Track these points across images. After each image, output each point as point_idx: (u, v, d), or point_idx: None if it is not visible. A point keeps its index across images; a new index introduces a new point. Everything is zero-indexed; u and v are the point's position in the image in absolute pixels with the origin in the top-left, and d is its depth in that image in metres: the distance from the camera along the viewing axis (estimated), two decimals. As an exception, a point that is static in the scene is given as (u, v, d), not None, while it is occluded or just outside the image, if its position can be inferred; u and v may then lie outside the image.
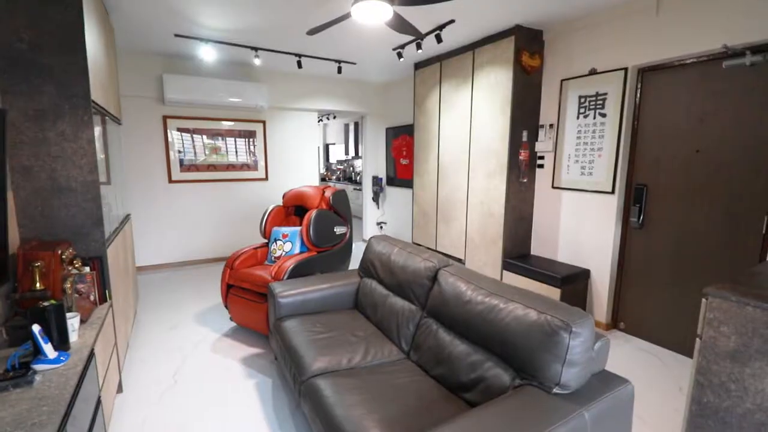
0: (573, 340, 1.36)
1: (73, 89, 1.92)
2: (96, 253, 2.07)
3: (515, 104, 3.32)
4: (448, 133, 4.09)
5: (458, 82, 3.88)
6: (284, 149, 5.17)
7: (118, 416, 2.06)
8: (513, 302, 1.59)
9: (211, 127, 4.64)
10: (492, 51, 3.45)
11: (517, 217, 3.54)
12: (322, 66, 4.57)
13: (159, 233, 4.54)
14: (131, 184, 4.27)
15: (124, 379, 2.40)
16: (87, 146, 1.98)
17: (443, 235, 4.30)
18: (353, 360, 1.94)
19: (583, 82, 3.10)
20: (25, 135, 1.85)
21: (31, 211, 1.92)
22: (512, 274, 3.45)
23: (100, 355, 1.79)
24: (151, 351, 2.73)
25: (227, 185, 4.84)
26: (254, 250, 3.12)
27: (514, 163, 3.41)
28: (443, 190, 4.24)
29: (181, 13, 3.06)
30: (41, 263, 1.71)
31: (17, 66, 1.80)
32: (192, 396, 2.23)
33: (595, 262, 3.15)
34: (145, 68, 4.14)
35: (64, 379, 1.40)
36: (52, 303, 1.56)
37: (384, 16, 2.20)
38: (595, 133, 3.05)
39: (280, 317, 2.38)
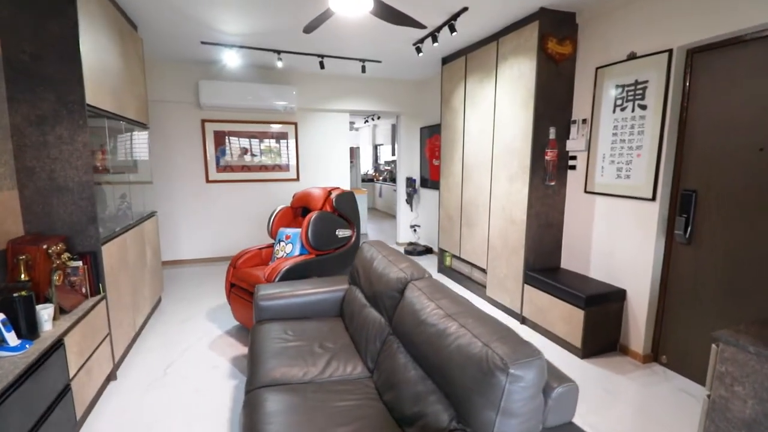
0: (511, 385, 1.10)
1: (70, 96, 2.07)
2: (91, 249, 2.22)
3: (540, 98, 2.94)
4: (472, 132, 3.79)
5: (482, 76, 3.57)
6: (315, 150, 5.23)
7: (105, 403, 2.18)
8: (463, 327, 1.36)
9: (245, 129, 4.84)
10: (515, 40, 3.11)
11: (542, 225, 3.15)
12: (350, 66, 4.52)
13: (195, 230, 4.85)
14: (171, 183, 4.63)
15: (125, 367, 2.55)
16: (82, 149, 2.13)
17: (466, 240, 4.00)
18: (309, 374, 1.83)
19: (620, 69, 2.64)
20: (28, 139, 2.04)
21: (34, 208, 2.11)
22: (533, 289, 3.07)
23: (76, 345, 1.90)
24: (158, 341, 2.89)
25: (260, 185, 5.02)
26: (258, 251, 3.16)
27: (538, 165, 3.03)
28: (467, 193, 3.94)
29: (204, 22, 3.20)
30: (27, 256, 1.86)
31: (21, 76, 1.99)
32: (171, 392, 2.29)
33: (632, 281, 2.67)
34: (183, 75, 4.45)
35: (13, 367, 1.48)
36: (21, 294, 1.68)
37: (365, 6, 2.06)
38: (634, 128, 2.58)
39: (259, 320, 2.35)
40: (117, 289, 2.49)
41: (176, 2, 2.83)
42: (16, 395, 1.44)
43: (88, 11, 2.19)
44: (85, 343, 1.99)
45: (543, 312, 2.99)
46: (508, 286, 3.37)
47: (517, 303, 3.28)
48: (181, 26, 3.29)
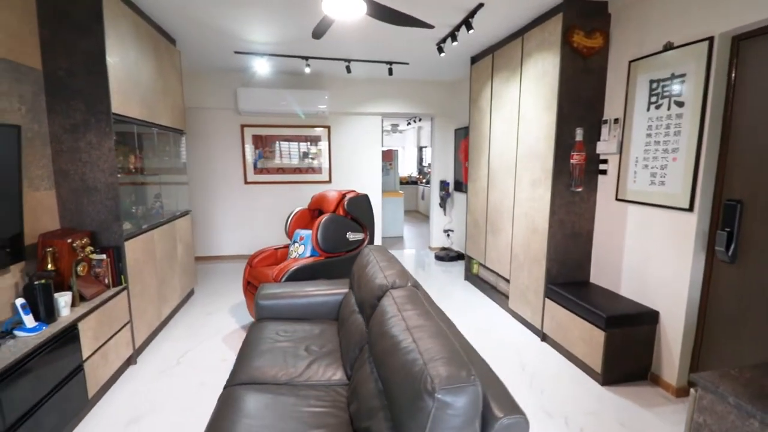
0: (438, 411, 1.02)
1: (98, 106, 2.31)
2: (114, 243, 2.45)
3: (564, 96, 2.70)
4: (497, 134, 3.60)
5: (508, 74, 3.37)
6: (347, 153, 5.31)
7: (122, 384, 2.40)
8: (414, 343, 1.28)
9: (280, 133, 5.06)
10: (539, 35, 2.89)
11: (567, 234, 2.89)
12: (380, 69, 4.52)
13: (233, 228, 5.16)
14: (212, 184, 4.97)
15: (147, 353, 2.78)
16: (108, 153, 2.36)
17: (491, 248, 3.80)
18: (287, 376, 1.85)
19: (655, 61, 2.34)
20: (63, 145, 2.31)
21: (69, 206, 2.38)
22: (554, 304, 2.83)
23: (91, 330, 2.11)
24: (181, 331, 3.12)
25: (294, 187, 5.21)
26: (275, 250, 3.27)
27: (562, 169, 2.79)
28: (492, 198, 3.74)
29: (234, 34, 3.40)
30: (53, 249, 2.11)
31: (58, 89, 2.25)
32: (178, 380, 2.45)
33: (666, 302, 2.35)
34: (223, 83, 4.76)
35: (24, 345, 1.68)
36: (41, 282, 1.90)
37: (358, 9, 2.04)
38: (669, 128, 2.27)
39: (258, 318, 2.43)
40: (141, 281, 2.72)
41: (208, 18, 3.03)
42: (26, 369, 1.63)
43: (118, 30, 2.43)
44: (101, 329, 2.20)
45: (563, 330, 2.74)
46: (530, 299, 3.14)
47: (537, 318, 3.04)
48: (215, 39, 3.52)
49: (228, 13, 2.94)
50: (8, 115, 1.96)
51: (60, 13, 2.19)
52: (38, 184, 2.20)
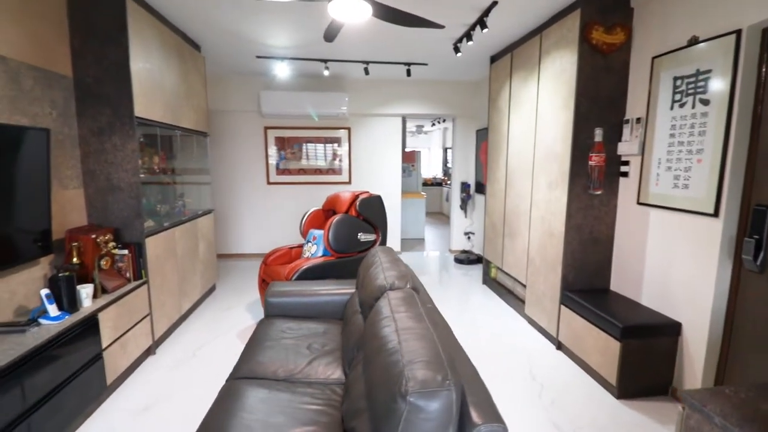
0: (410, 414, 1.01)
1: (122, 110, 2.45)
2: (136, 240, 2.59)
3: (582, 95, 2.60)
4: (516, 135, 3.51)
5: (526, 74, 3.27)
6: (367, 154, 5.34)
7: (140, 374, 2.53)
8: (399, 344, 1.28)
9: (302, 135, 5.17)
10: (557, 32, 2.79)
11: (585, 239, 2.77)
12: (399, 70, 4.53)
13: (256, 227, 5.32)
14: (236, 184, 5.15)
15: (166, 344, 2.92)
16: (131, 154, 2.51)
17: (509, 252, 3.70)
18: (286, 372, 1.89)
19: (679, 57, 2.20)
20: (91, 147, 2.47)
21: (95, 204, 2.54)
22: (569, 311, 2.72)
23: (110, 321, 2.24)
24: (200, 325, 3.25)
25: (314, 188, 5.31)
26: (289, 249, 3.35)
27: (579, 170, 2.68)
28: (510, 200, 3.65)
29: (255, 39, 3.52)
30: (79, 243, 2.26)
31: (86, 95, 2.42)
32: (192, 372, 2.55)
33: (690, 313, 2.20)
34: (246, 87, 4.93)
35: (46, 332, 1.82)
36: (65, 274, 2.04)
37: (363, 12, 2.06)
38: (694, 128, 2.13)
39: (267, 315, 2.49)
40: (162, 276, 2.86)
41: (230, 25, 3.15)
42: (47, 355, 1.76)
43: (142, 38, 2.57)
44: (120, 320, 2.34)
45: (578, 339, 2.63)
46: (546, 306, 3.04)
47: (553, 325, 2.93)
48: (237, 44, 3.65)
49: (249, 20, 3.05)
50: (40, 119, 2.12)
51: (89, 24, 2.35)
52: (67, 183, 2.36)
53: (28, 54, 2.02)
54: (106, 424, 2.04)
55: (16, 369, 1.59)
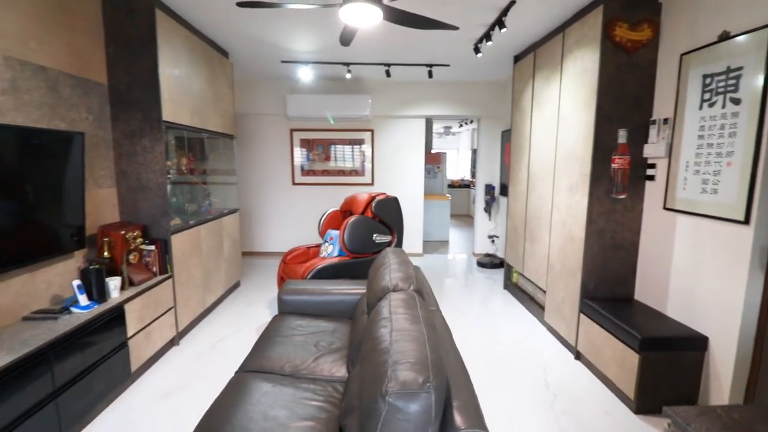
0: (388, 414, 1.02)
1: (151, 114, 2.62)
2: (162, 236, 2.75)
3: (604, 95, 2.50)
4: (538, 136, 3.41)
5: (548, 73, 3.18)
6: (390, 155, 5.37)
7: (163, 363, 2.68)
8: (390, 345, 1.29)
9: (326, 137, 5.27)
10: (579, 29, 2.70)
11: (607, 245, 2.65)
12: (421, 72, 4.52)
13: (281, 226, 5.48)
14: (262, 185, 5.34)
15: (190, 336, 3.08)
16: (159, 156, 2.67)
17: (529, 256, 3.61)
18: (292, 367, 1.94)
19: (709, 54, 2.07)
20: (123, 149, 2.66)
21: (126, 202, 2.73)
22: (588, 320, 2.62)
23: (136, 312, 2.39)
24: (222, 319, 3.40)
25: (338, 188, 5.39)
26: (307, 249, 3.43)
27: (601, 173, 2.58)
28: (531, 204, 3.55)
29: (280, 45, 3.64)
30: (109, 239, 2.43)
31: (120, 101, 2.60)
32: (210, 364, 2.68)
33: (717, 326, 2.06)
34: (273, 91, 5.09)
35: (76, 320, 1.97)
36: (95, 267, 2.21)
37: (374, 16, 2.09)
38: (724, 129, 1.99)
39: (281, 312, 2.57)
40: (187, 271, 3.02)
41: (256, 33, 3.29)
42: (76, 341, 1.91)
43: (171, 47, 2.73)
44: (145, 311, 2.49)
45: (597, 349, 2.52)
46: (565, 313, 2.94)
47: (572, 334, 2.83)
48: (262, 50, 3.79)
49: (272, 26, 3.15)
50: (77, 124, 2.31)
51: (122, 34, 2.52)
52: (102, 183, 2.55)
53: (66, 64, 2.20)
54: (129, 408, 2.19)
55: (47, 353, 1.74)
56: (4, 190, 1.84)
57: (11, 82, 1.85)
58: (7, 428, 1.55)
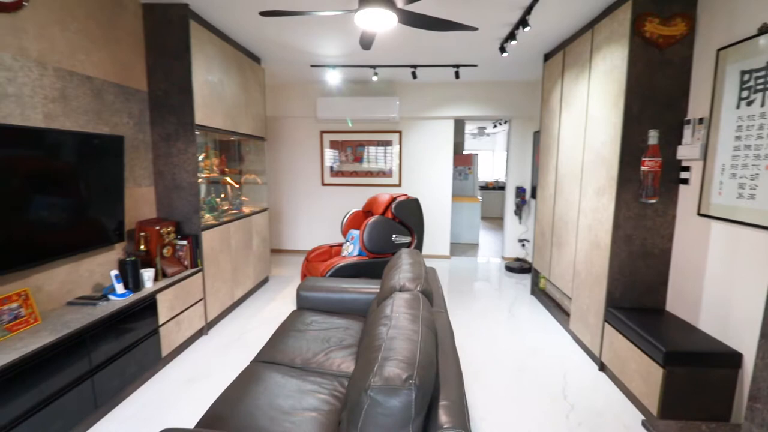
0: (370, 408, 1.06)
1: (185, 118, 2.81)
2: (194, 232, 2.94)
3: (633, 94, 2.38)
4: (566, 137, 3.29)
5: (577, 72, 3.07)
6: (417, 157, 5.37)
7: (192, 351, 2.86)
8: (383, 342, 1.32)
9: (355, 139, 5.37)
10: (609, 26, 2.58)
11: (636, 252, 2.52)
12: (448, 73, 4.50)
13: (311, 225, 5.64)
14: (293, 185, 5.53)
15: (218, 327, 3.26)
16: (191, 158, 2.86)
17: (556, 262, 3.48)
18: (302, 360, 2.02)
19: (747, 48, 1.92)
20: (161, 150, 2.87)
21: (163, 200, 2.94)
22: (613, 330, 2.50)
23: (167, 301, 2.58)
24: (249, 312, 3.57)
25: (365, 189, 5.47)
26: (329, 248, 3.52)
27: (629, 176, 2.45)
28: (558, 207, 3.43)
29: (309, 50, 3.77)
30: (146, 233, 2.64)
31: (158, 106, 2.81)
32: (233, 354, 2.82)
33: (753, 342, 1.90)
34: (303, 94, 5.26)
35: (113, 307, 2.17)
36: (131, 259, 2.41)
37: (389, 21, 2.12)
38: (763, 129, 1.84)
39: (299, 307, 2.67)
40: (216, 266, 3.20)
41: (286, 39, 3.43)
42: (112, 325, 2.10)
43: (204, 55, 2.92)
44: (176, 301, 2.68)
45: (621, 360, 2.40)
46: (590, 322, 2.82)
47: (596, 344, 2.71)
48: (292, 55, 3.94)
49: (299, 33, 3.28)
50: (119, 128, 2.53)
51: (160, 44, 2.73)
52: (141, 182, 2.77)
53: (110, 73, 2.43)
54: (158, 390, 2.36)
55: (84, 335, 1.93)
56: (58, 187, 2.06)
57: (61, 91, 2.07)
58: (49, 399, 1.73)
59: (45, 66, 1.98)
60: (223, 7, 2.75)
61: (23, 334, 1.78)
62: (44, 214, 2.02)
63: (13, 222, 1.83)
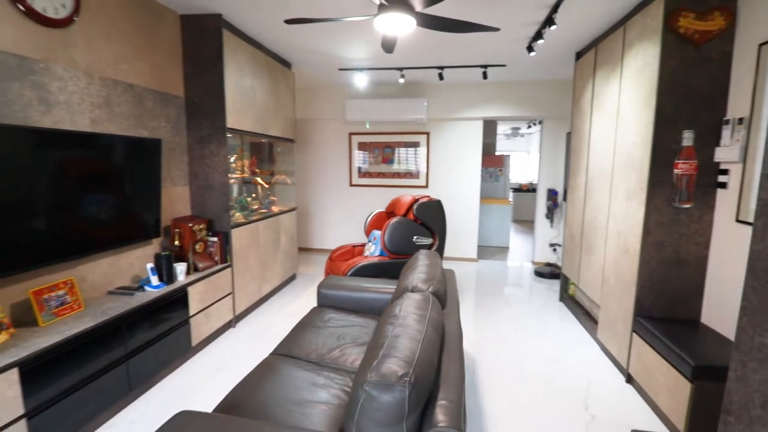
0: (365, 402, 1.10)
1: (218, 122, 2.98)
2: (224, 230, 3.11)
3: (666, 92, 2.26)
4: (597, 138, 3.17)
5: (608, 70, 2.95)
6: (445, 158, 5.34)
7: (220, 342, 3.02)
8: (387, 339, 1.36)
9: (382, 140, 5.43)
10: (641, 21, 2.47)
11: (668, 259, 2.39)
12: (476, 73, 4.45)
13: (339, 225, 5.76)
14: (322, 186, 5.67)
15: (246, 320, 3.42)
16: (223, 159, 3.02)
17: (585, 267, 3.36)
18: (317, 355, 2.09)
19: (793, 41, 1.78)
20: (195, 152, 3.05)
21: (197, 199, 3.13)
22: (641, 341, 2.38)
23: (198, 294, 2.74)
24: (276, 307, 3.71)
25: (392, 190, 5.51)
26: (352, 247, 3.59)
27: (662, 179, 2.34)
28: (588, 211, 3.31)
29: (338, 54, 3.88)
30: (180, 230, 2.82)
31: (193, 112, 3.00)
32: (258, 346, 2.95)
33: (795, 361, 1.75)
34: (333, 97, 5.38)
35: (148, 297, 2.34)
36: (165, 253, 2.58)
37: (408, 24, 2.15)
38: (808, 129, 1.70)
39: (319, 304, 2.75)
40: (245, 262, 3.36)
41: (314, 44, 3.55)
42: (147, 314, 2.27)
43: (236, 62, 3.08)
44: (206, 294, 2.84)
45: (648, 373, 2.29)
46: (618, 331, 2.70)
47: (624, 354, 2.59)
48: (321, 60, 4.06)
49: (327, 38, 3.38)
50: (158, 131, 2.72)
51: (196, 53, 2.91)
52: (177, 181, 2.97)
53: (150, 81, 2.62)
54: (187, 376, 2.52)
55: (121, 322, 2.10)
56: (106, 186, 2.27)
57: (106, 98, 2.27)
58: (88, 379, 1.91)
59: (92, 76, 2.18)
60: (254, 15, 2.89)
61: (68, 319, 1.97)
62: (93, 210, 2.22)
63: (67, 217, 2.04)
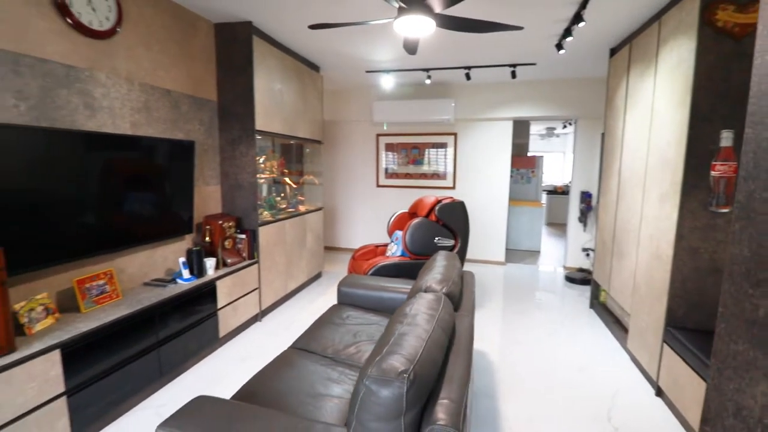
0: (365, 396, 1.13)
1: (247, 125, 3.12)
2: (252, 227, 3.24)
3: (702, 90, 2.13)
4: (630, 138, 3.03)
5: (643, 67, 2.81)
6: (473, 159, 5.28)
7: (246, 334, 3.15)
8: (394, 336, 1.38)
9: (410, 141, 5.44)
10: (676, 16, 2.34)
11: (703, 267, 2.25)
12: (504, 73, 4.36)
13: (366, 224, 5.82)
14: (350, 186, 5.76)
15: (272, 315, 3.54)
16: (251, 160, 3.16)
17: (616, 274, 3.21)
18: (334, 351, 2.14)
19: None
20: (226, 154, 3.21)
21: (227, 198, 3.28)
22: (672, 352, 2.26)
23: (226, 288, 2.88)
24: (301, 303, 3.82)
25: (419, 191, 5.51)
26: (375, 247, 3.63)
27: (696, 182, 2.20)
28: (620, 214, 3.16)
29: (364, 57, 3.95)
30: (210, 227, 2.98)
31: (225, 115, 3.15)
32: (280, 340, 3.05)
33: None
34: (360, 99, 5.45)
35: (179, 289, 2.49)
36: (196, 249, 2.74)
37: (427, 27, 2.17)
38: None
39: (339, 302, 2.81)
40: (272, 259, 3.49)
41: (340, 48, 3.64)
42: (178, 305, 2.42)
43: (265, 67, 3.21)
44: (234, 288, 2.98)
45: (679, 386, 2.16)
46: (648, 342, 2.57)
47: (654, 366, 2.47)
48: (348, 62, 4.14)
49: (353, 41, 3.45)
50: (192, 134, 2.89)
51: (228, 59, 3.07)
52: (209, 181, 3.13)
53: (185, 86, 2.79)
54: (214, 365, 2.66)
55: (153, 311, 2.25)
56: (146, 185, 2.45)
57: (145, 103, 2.45)
58: (122, 363, 2.06)
59: (132, 82, 2.36)
60: (281, 21, 3.01)
61: (106, 306, 2.14)
62: (133, 207, 2.40)
63: (110, 213, 2.22)
